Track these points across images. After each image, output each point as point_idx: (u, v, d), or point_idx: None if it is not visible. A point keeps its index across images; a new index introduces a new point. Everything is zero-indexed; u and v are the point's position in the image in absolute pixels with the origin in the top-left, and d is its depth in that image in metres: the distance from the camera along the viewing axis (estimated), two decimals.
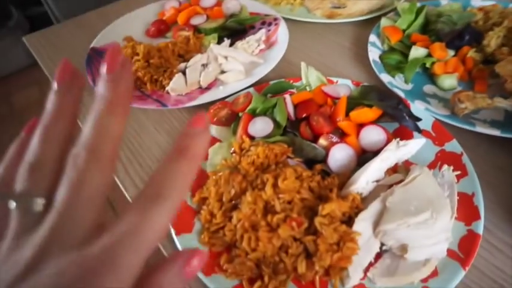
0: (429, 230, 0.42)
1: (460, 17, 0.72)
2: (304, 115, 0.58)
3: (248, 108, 0.59)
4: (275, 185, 0.47)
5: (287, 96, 0.59)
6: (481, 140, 0.59)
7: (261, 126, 0.56)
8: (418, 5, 0.84)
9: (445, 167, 0.51)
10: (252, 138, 0.56)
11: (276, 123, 0.57)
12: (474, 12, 0.77)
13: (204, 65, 0.76)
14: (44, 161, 0.20)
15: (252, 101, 0.60)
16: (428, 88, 0.68)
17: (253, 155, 0.51)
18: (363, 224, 0.44)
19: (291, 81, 0.68)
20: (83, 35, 0.93)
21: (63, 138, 0.21)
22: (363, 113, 0.56)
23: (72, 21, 1.02)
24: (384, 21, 0.79)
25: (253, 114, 0.59)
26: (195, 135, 0.21)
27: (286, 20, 0.89)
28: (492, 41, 0.69)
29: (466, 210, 0.48)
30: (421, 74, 0.71)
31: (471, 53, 0.70)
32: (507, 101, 0.57)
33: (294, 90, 0.64)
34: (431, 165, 0.54)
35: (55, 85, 0.21)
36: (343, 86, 0.62)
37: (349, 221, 0.46)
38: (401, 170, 0.53)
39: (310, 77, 0.67)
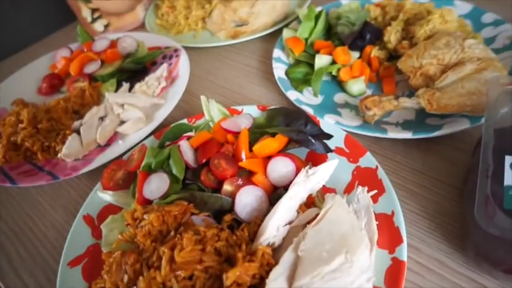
0: (347, 277, 0.37)
1: (357, 16, 0.70)
2: (204, 160, 0.52)
3: (142, 165, 0.52)
4: (172, 260, 0.40)
5: (182, 143, 0.53)
6: (397, 144, 0.56)
7: (156, 185, 0.49)
8: (319, 10, 0.81)
9: (359, 189, 0.46)
10: (149, 201, 0.49)
11: (173, 177, 0.50)
12: (371, 9, 0.74)
13: (102, 118, 0.69)
14: None
15: (145, 156, 0.53)
16: (339, 97, 0.65)
17: (147, 224, 0.44)
18: (276, 284, 0.39)
19: (193, 120, 0.62)
20: None
21: None
22: (266, 146, 0.51)
23: None
24: (286, 33, 0.75)
25: (149, 170, 0.52)
26: None
27: (190, 48, 0.84)
28: (391, 36, 0.67)
29: (388, 234, 0.43)
30: (330, 83, 0.68)
31: (375, 52, 0.67)
32: (411, 100, 0.54)
33: (192, 133, 0.58)
34: (350, 187, 0.50)
35: None
36: (244, 117, 0.56)
37: (261, 282, 0.40)
38: (318, 201, 0.49)
39: (212, 111, 0.61)
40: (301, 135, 0.51)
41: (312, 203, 0.49)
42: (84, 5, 0.94)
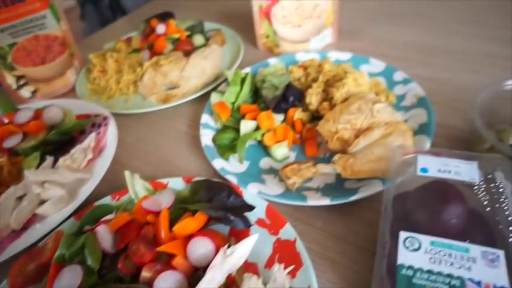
0: None
1: (280, 80, 0.73)
2: (123, 245, 0.50)
3: (55, 256, 0.49)
4: None
5: (100, 229, 0.51)
6: (319, 210, 0.57)
7: (67, 281, 0.46)
8: (248, 70, 0.84)
9: (276, 266, 0.46)
10: None
11: (88, 269, 0.48)
12: (294, 70, 0.78)
13: (21, 198, 0.65)
14: None
15: (59, 244, 0.50)
16: (264, 162, 0.66)
17: None
18: None
19: (117, 196, 0.60)
20: None
21: None
22: (185, 226, 0.50)
23: None
24: (214, 97, 0.77)
25: (63, 262, 0.49)
26: None
27: (120, 115, 0.83)
28: (312, 98, 0.70)
29: None
30: (256, 147, 0.69)
31: (298, 114, 0.70)
32: (329, 166, 0.56)
33: (112, 215, 0.55)
34: (270, 262, 0.49)
35: None
36: (165, 195, 0.56)
37: None
38: (238, 279, 0.47)
39: (136, 187, 0.60)
40: (220, 212, 0.51)
41: (232, 282, 0.47)
42: (8, 72, 0.91)
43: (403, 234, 0.38)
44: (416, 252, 0.37)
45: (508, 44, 0.84)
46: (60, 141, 0.77)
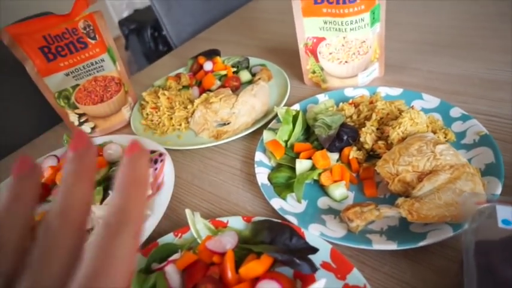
0: None
1: (332, 119, 0.73)
2: (191, 285, 0.51)
3: None
4: None
5: (168, 269, 0.52)
6: (384, 254, 0.55)
7: None
8: (297, 107, 0.86)
9: None
10: None
11: None
12: (345, 108, 0.79)
13: (89, 231, 0.68)
14: (2, 243, 0.20)
15: (131, 284, 0.51)
16: (322, 202, 0.66)
17: None
18: None
19: (179, 234, 0.62)
20: None
21: (23, 222, 0.22)
22: (252, 269, 0.50)
23: None
24: (266, 135, 0.78)
25: None
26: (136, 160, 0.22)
27: (174, 151, 0.86)
28: (367, 137, 0.70)
29: None
30: (313, 186, 0.69)
31: (353, 153, 0.70)
32: (392, 209, 0.55)
33: (178, 254, 0.57)
34: None
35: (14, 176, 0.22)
36: (229, 236, 0.56)
37: None
38: None
39: (198, 225, 0.61)
40: (285, 256, 0.51)
41: None
42: (72, 111, 0.97)
43: None
44: None
45: None
46: None
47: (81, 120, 0.99)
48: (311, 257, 0.53)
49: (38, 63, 0.89)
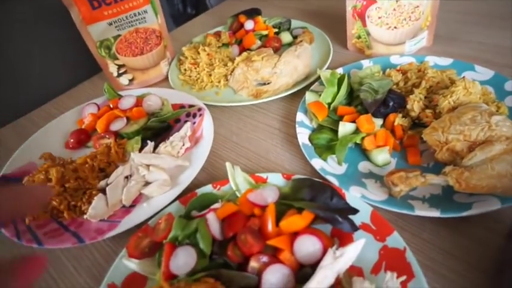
0: None
1: (380, 84, 0.71)
2: (231, 234, 0.52)
3: (169, 237, 0.52)
4: None
5: (209, 216, 0.53)
6: (425, 221, 0.55)
7: (183, 260, 0.49)
8: (340, 71, 0.83)
9: (389, 275, 0.45)
10: (175, 276, 0.49)
11: (200, 252, 0.50)
12: (392, 74, 0.76)
13: (128, 177, 0.70)
14: None
15: (172, 227, 0.53)
16: (363, 166, 0.65)
17: None
18: None
19: (218, 186, 0.63)
20: None
21: None
22: (293, 223, 0.51)
23: None
24: (309, 96, 0.77)
25: (176, 242, 0.52)
26: None
27: (212, 107, 0.86)
28: (415, 104, 0.68)
29: None
30: (354, 150, 0.68)
31: (398, 120, 0.68)
32: (439, 177, 0.54)
33: (218, 204, 0.58)
34: (376, 268, 0.49)
35: None
36: (270, 190, 0.57)
37: None
38: (345, 282, 0.48)
39: (237, 179, 0.62)
40: (327, 213, 0.51)
41: (338, 283, 0.48)
42: (112, 61, 0.98)
43: None
44: None
45: None
46: (158, 128, 0.81)
47: (120, 72, 1.00)
48: (350, 217, 0.53)
49: (83, 10, 0.89)
